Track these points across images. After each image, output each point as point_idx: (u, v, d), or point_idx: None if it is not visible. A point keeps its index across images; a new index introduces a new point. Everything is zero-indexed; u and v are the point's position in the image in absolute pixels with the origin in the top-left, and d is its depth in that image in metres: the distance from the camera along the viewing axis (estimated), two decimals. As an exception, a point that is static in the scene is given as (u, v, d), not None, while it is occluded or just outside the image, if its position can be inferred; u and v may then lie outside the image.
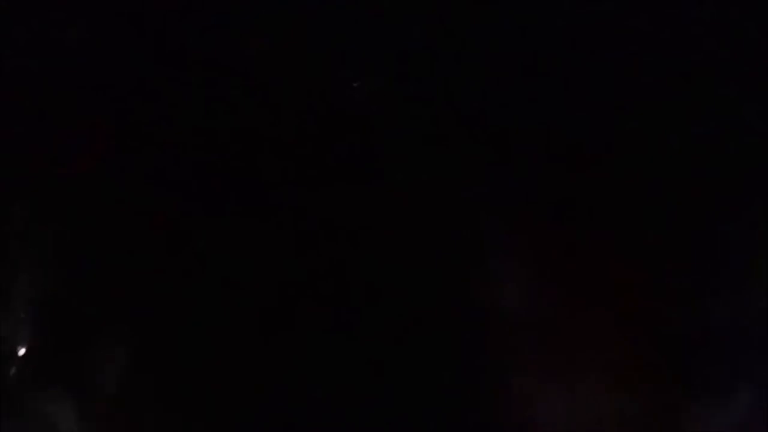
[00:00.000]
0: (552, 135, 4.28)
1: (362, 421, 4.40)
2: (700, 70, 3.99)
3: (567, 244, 4.45)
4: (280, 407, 4.46)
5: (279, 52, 4.25)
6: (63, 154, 4.16)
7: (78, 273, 4.37)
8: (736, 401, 4.42)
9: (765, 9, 3.82)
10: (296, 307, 4.63)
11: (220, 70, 4.21)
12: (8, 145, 4.09)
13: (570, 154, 4.28)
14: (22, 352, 4.40)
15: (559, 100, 4.21)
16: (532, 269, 4.58)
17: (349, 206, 4.57)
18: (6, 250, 4.19)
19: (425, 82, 4.32)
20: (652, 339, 4.60)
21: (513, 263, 4.60)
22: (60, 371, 4.52)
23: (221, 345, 4.57)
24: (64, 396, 4.50)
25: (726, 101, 3.99)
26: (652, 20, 4.05)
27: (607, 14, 4.00)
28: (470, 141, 4.35)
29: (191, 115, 4.28)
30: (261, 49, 4.17)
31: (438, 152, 4.43)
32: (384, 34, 4.21)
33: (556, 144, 4.28)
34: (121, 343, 4.52)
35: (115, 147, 4.20)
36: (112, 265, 4.38)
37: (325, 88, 4.35)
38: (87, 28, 4.07)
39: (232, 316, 4.66)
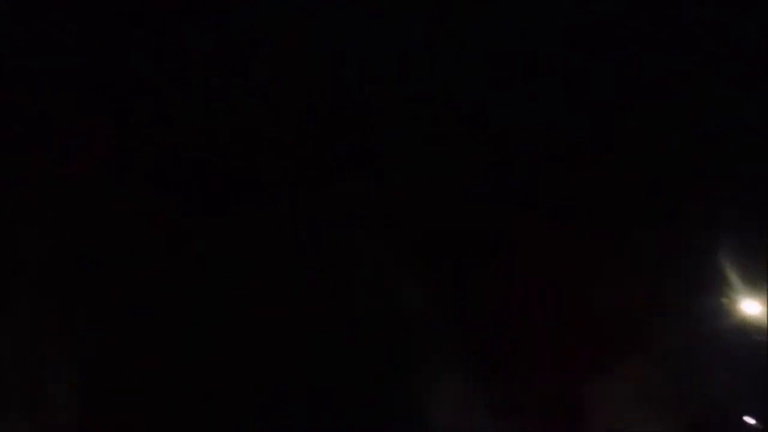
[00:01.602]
0: (552, 135, 4.25)
1: (363, 419, 4.36)
2: (700, 70, 3.97)
3: (567, 244, 4.43)
4: (279, 405, 4.42)
5: (279, 52, 4.22)
6: (63, 154, 4.14)
7: (77, 271, 4.34)
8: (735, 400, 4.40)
9: (765, 9, 3.80)
10: (296, 305, 4.59)
11: (220, 70, 4.19)
12: (8, 145, 4.07)
13: (570, 154, 4.26)
14: (22, 348, 4.36)
15: (559, 100, 4.18)
16: (532, 268, 4.54)
17: (349, 206, 4.54)
18: (6, 249, 4.17)
19: (425, 82, 4.29)
20: (651, 337, 4.56)
21: (513, 262, 4.56)
22: (61, 366, 4.49)
23: (220, 343, 4.54)
24: (64, 390, 4.46)
25: (726, 101, 3.97)
26: (652, 20, 4.03)
27: (607, 14, 3.98)
28: (470, 141, 4.32)
29: (191, 115, 4.25)
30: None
31: (438, 152, 4.40)
32: (384, 34, 4.18)
33: (556, 144, 4.25)
34: (121, 340, 4.49)
35: (115, 147, 4.18)
36: (112, 264, 4.35)
37: (325, 88, 4.32)
38: (87, 28, 4.05)
39: (231, 314, 4.62)
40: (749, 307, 7.52)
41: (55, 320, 4.55)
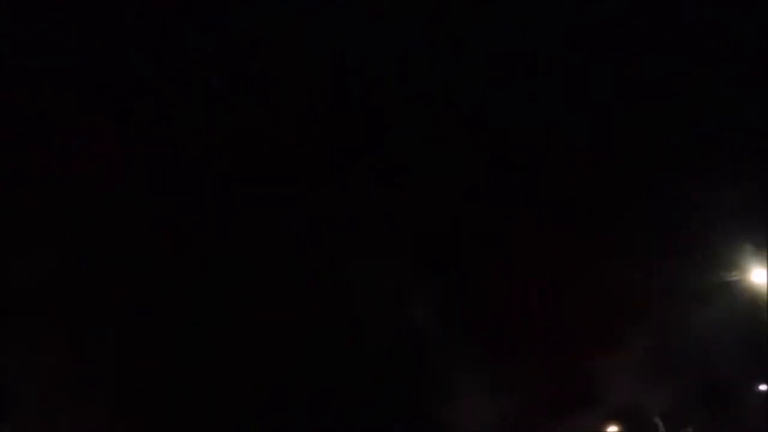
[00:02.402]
0: (552, 135, 4.26)
1: (363, 419, 4.39)
2: (700, 70, 3.98)
3: (567, 244, 4.44)
4: (278, 407, 4.44)
5: (279, 52, 4.23)
6: (63, 153, 4.14)
7: (78, 270, 4.34)
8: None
9: (765, 9, 3.81)
10: (296, 305, 4.60)
11: (220, 70, 4.19)
12: (8, 145, 4.07)
13: (570, 154, 4.27)
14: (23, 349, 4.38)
15: (559, 100, 4.18)
16: (531, 268, 4.56)
17: (349, 205, 4.54)
18: (6, 249, 4.18)
19: (425, 82, 4.29)
20: (648, 337, 4.58)
21: (512, 262, 4.58)
22: (61, 367, 4.51)
23: (220, 343, 4.54)
24: (65, 393, 4.47)
25: (726, 101, 3.97)
26: (652, 20, 4.04)
27: (607, 14, 3.98)
28: (470, 141, 4.33)
29: (191, 115, 4.25)
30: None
31: (438, 152, 4.40)
32: (384, 34, 4.19)
33: (556, 144, 4.26)
34: (120, 340, 4.51)
35: (115, 147, 4.18)
36: (112, 264, 4.35)
37: (325, 88, 4.33)
38: (87, 28, 4.05)
39: (231, 314, 4.62)
40: (759, 278, 7.41)
41: (57, 322, 4.53)
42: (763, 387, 7.88)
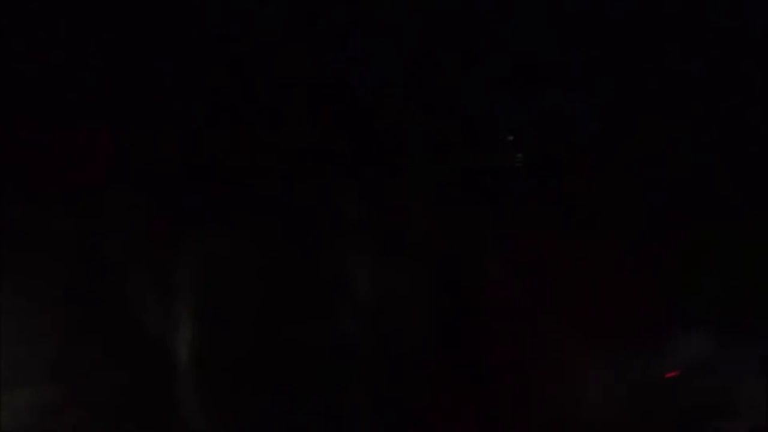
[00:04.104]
0: (552, 135, 4.25)
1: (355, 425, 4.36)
2: (701, 71, 3.96)
3: (567, 245, 4.43)
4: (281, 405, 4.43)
5: (279, 52, 4.23)
6: (65, 158, 4.14)
7: (78, 273, 4.35)
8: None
9: (765, 9, 3.80)
10: (296, 304, 4.60)
11: (220, 71, 4.19)
12: (10, 149, 4.08)
13: (570, 154, 4.26)
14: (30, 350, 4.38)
15: (558, 100, 4.18)
16: (532, 268, 4.55)
17: (349, 206, 4.54)
18: (7, 252, 4.18)
19: (425, 82, 4.30)
20: (647, 338, 4.56)
21: (513, 263, 4.57)
22: (64, 371, 4.50)
23: (220, 342, 4.56)
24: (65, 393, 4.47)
25: (728, 104, 3.96)
26: (652, 21, 4.02)
27: (608, 14, 3.97)
28: (470, 141, 4.32)
29: (192, 115, 4.26)
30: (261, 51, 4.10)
31: (438, 152, 4.40)
32: (384, 34, 4.19)
33: (556, 144, 4.25)
34: (123, 343, 4.51)
35: (117, 150, 4.18)
36: (113, 266, 4.36)
37: (325, 88, 4.33)
38: (87, 29, 4.05)
39: (232, 314, 4.63)
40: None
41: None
42: None
